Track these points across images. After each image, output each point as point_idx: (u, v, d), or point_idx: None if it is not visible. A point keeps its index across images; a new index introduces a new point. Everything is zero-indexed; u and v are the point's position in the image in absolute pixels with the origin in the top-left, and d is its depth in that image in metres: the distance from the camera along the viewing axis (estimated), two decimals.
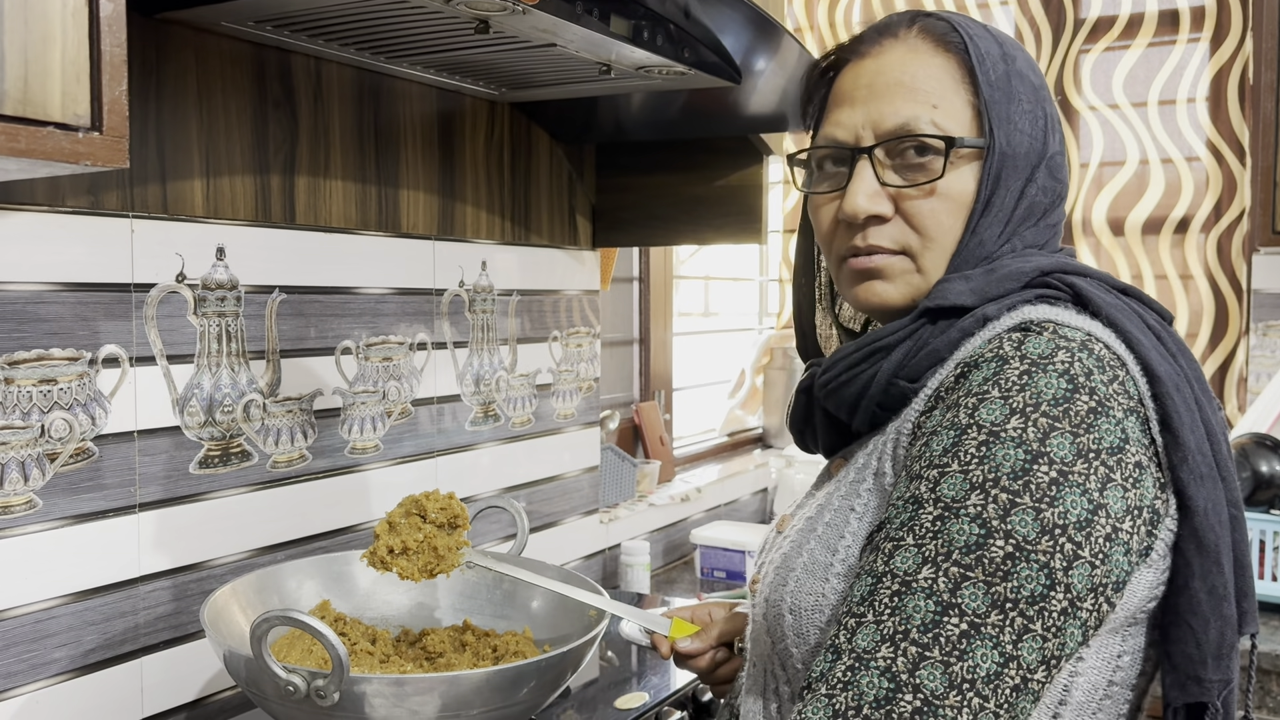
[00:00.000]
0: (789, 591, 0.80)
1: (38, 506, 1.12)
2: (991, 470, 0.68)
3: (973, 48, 0.82)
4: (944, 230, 0.81)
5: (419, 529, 1.11)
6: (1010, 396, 0.70)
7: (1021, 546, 0.67)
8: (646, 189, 1.92)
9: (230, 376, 1.31)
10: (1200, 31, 2.45)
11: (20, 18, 0.75)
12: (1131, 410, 0.71)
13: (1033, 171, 0.82)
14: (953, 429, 0.71)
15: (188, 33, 1.25)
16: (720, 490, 2.48)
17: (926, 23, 0.84)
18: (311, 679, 0.95)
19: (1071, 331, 0.74)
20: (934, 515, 0.69)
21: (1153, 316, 0.79)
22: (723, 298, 3.12)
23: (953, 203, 0.81)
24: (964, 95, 0.81)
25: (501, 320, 1.77)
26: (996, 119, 0.80)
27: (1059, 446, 0.68)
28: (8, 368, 1.09)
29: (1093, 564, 0.68)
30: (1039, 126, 0.82)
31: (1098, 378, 0.71)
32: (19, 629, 1.11)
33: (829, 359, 0.85)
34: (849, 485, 0.82)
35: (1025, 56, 0.85)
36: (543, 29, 1.19)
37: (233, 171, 1.31)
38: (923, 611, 0.67)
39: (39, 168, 0.83)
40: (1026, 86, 0.83)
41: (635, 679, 1.51)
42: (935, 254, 0.81)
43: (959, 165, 0.80)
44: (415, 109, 1.57)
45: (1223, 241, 2.45)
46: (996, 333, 0.76)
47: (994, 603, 0.66)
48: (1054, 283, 0.79)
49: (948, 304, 0.78)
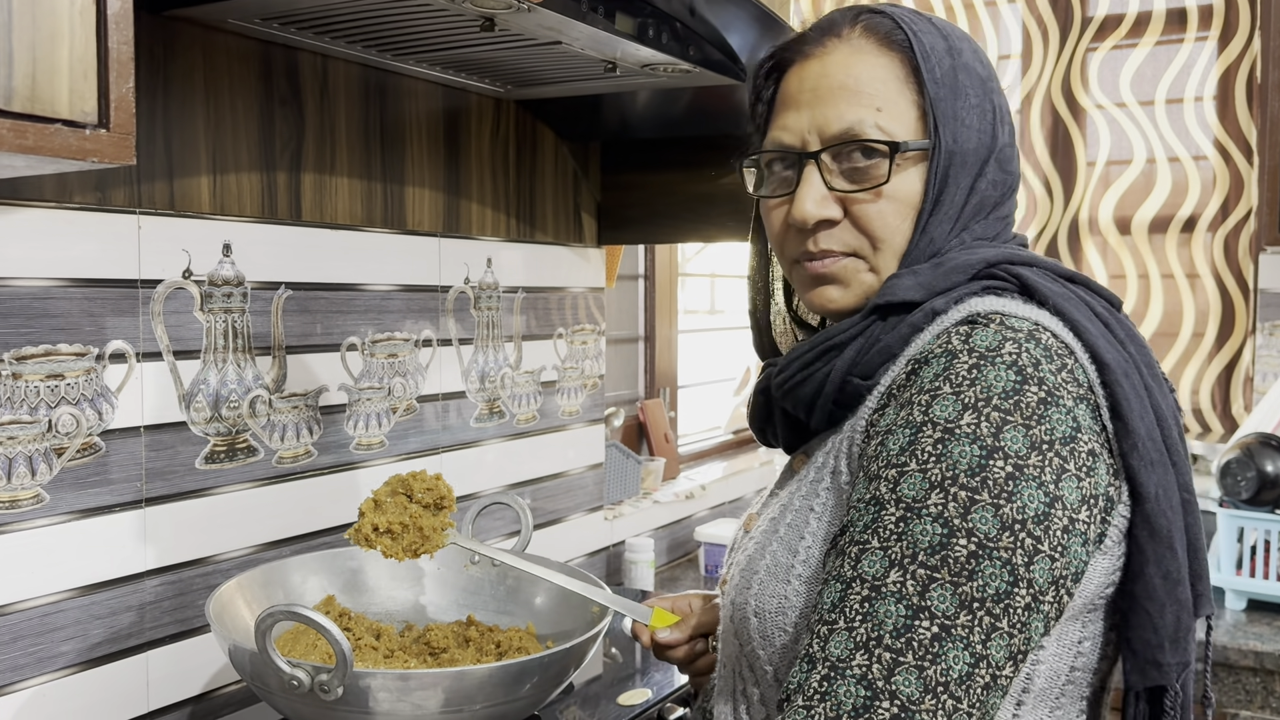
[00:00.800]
0: (753, 594, 0.81)
1: (45, 501, 1.13)
2: (949, 468, 0.69)
3: (917, 45, 0.81)
4: (893, 231, 0.81)
5: (405, 508, 1.11)
6: (961, 391, 0.70)
7: (984, 544, 0.67)
8: (651, 186, 1.93)
9: (236, 372, 1.32)
10: (1208, 30, 2.45)
11: (29, 15, 0.75)
12: (1081, 398, 0.72)
13: (982, 166, 0.82)
14: (908, 427, 0.71)
15: (195, 30, 1.25)
16: (724, 488, 2.48)
17: (870, 20, 0.83)
18: (316, 673, 0.95)
19: (1018, 322, 0.74)
20: (896, 516, 0.69)
21: (1100, 303, 0.79)
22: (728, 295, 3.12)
23: (900, 204, 0.81)
24: (909, 95, 0.81)
25: (506, 317, 1.77)
26: (942, 118, 0.80)
27: (1012, 440, 0.68)
28: (15, 363, 1.09)
29: (1052, 557, 0.69)
30: (987, 120, 0.82)
31: (1046, 367, 0.71)
32: (26, 622, 1.12)
33: (784, 359, 0.85)
34: (809, 485, 0.82)
35: (972, 48, 0.84)
36: (549, 27, 1.20)
37: (239, 168, 1.32)
38: (894, 616, 0.67)
39: (46, 164, 0.84)
40: (974, 80, 0.82)
41: (638, 675, 1.51)
42: (886, 255, 0.82)
43: (906, 167, 0.81)
44: (421, 106, 1.57)
45: (1229, 241, 2.44)
46: (945, 327, 0.76)
47: (962, 603, 0.67)
48: (1000, 274, 0.79)
49: (897, 300, 0.79)
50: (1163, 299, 2.51)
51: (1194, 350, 2.49)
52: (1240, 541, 1.96)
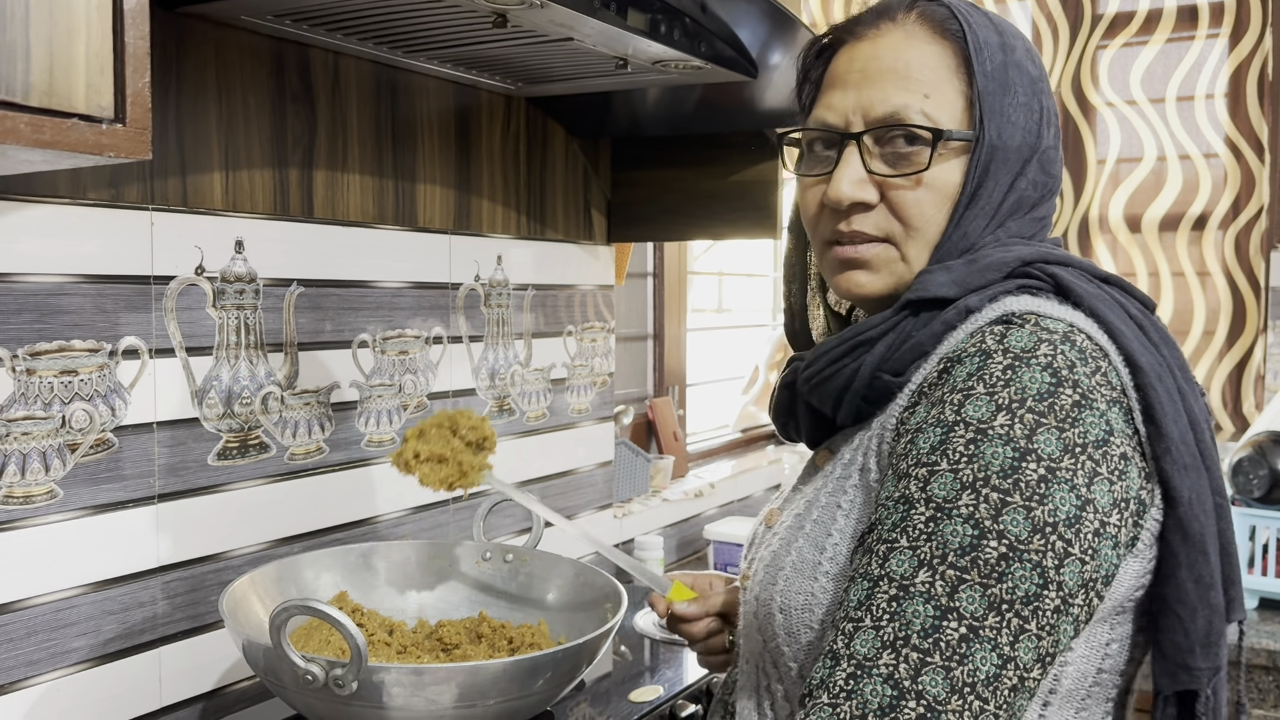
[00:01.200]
0: (779, 590, 0.80)
1: (58, 496, 1.13)
2: (981, 469, 0.68)
3: (971, 36, 0.80)
4: (928, 220, 0.81)
5: (448, 442, 1.13)
6: (995, 392, 0.70)
7: (1014, 547, 0.67)
8: (661, 184, 1.92)
9: (249, 369, 1.32)
10: (1219, 27, 2.44)
11: (46, 10, 0.75)
12: (1115, 401, 0.71)
13: (1024, 165, 0.81)
14: (939, 426, 0.71)
15: (208, 26, 1.25)
16: (733, 486, 2.48)
17: (926, 8, 0.83)
18: (330, 668, 0.95)
19: (1053, 323, 0.73)
20: (926, 516, 0.69)
21: (1135, 305, 0.79)
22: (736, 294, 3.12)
23: (938, 194, 0.80)
24: (957, 85, 0.80)
25: (517, 315, 1.77)
26: (989, 111, 0.79)
27: (1046, 443, 0.68)
28: (30, 359, 1.10)
29: (1083, 560, 0.68)
30: (1034, 120, 0.81)
31: (1080, 370, 0.71)
32: (40, 618, 1.12)
33: (811, 353, 0.85)
34: (835, 481, 0.82)
35: (1025, 46, 0.83)
36: (560, 23, 1.20)
37: (251, 165, 1.32)
38: (922, 616, 0.67)
39: (63, 159, 0.84)
40: (1024, 78, 0.81)
41: (649, 673, 1.51)
42: (918, 243, 0.81)
43: (947, 157, 0.80)
44: (432, 103, 1.57)
45: (1240, 238, 2.43)
46: (979, 325, 0.75)
47: (991, 605, 0.66)
48: (1035, 273, 0.78)
49: (930, 295, 0.78)
50: (1173, 297, 2.51)
51: (1205, 348, 2.48)
52: (1252, 540, 1.95)
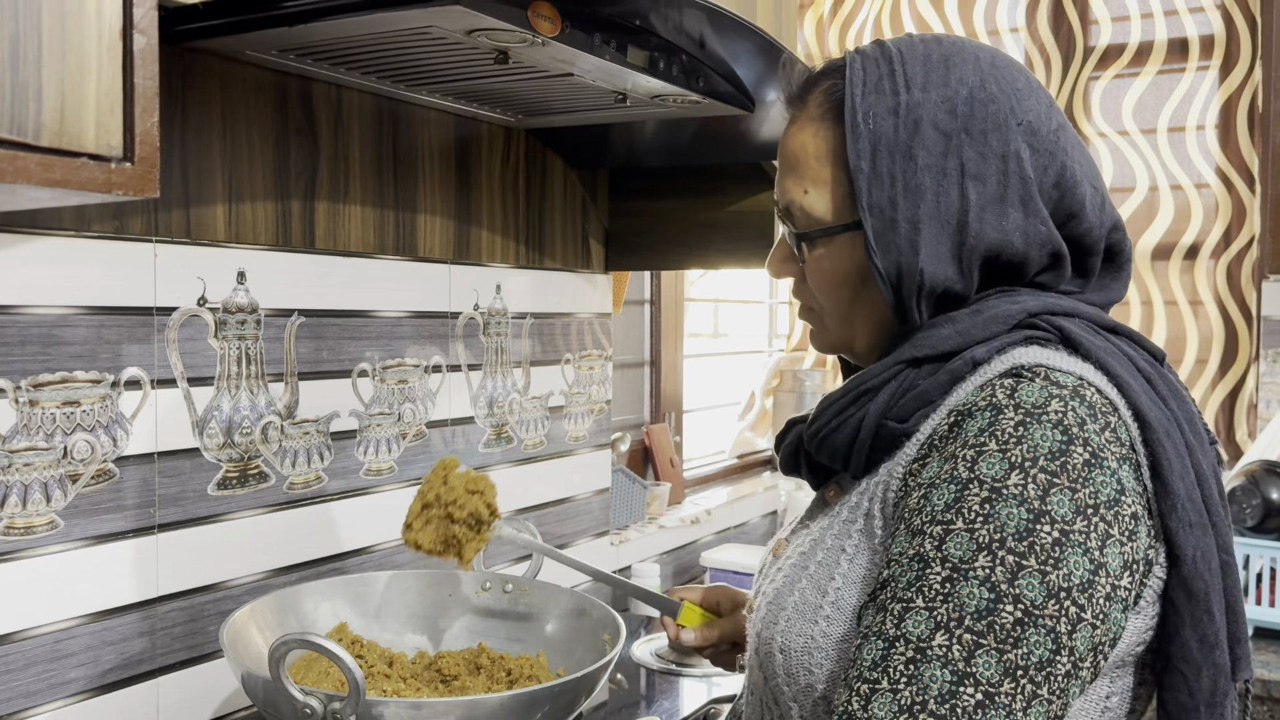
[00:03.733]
0: (779, 631, 0.80)
1: (59, 527, 1.13)
2: (997, 530, 0.68)
3: (848, 113, 0.78)
4: (831, 300, 0.85)
5: (446, 528, 1.20)
6: (1008, 450, 0.69)
7: (1030, 612, 0.67)
8: (659, 214, 1.94)
9: (249, 399, 1.33)
10: (1209, 60, 2.47)
11: (58, 51, 0.77)
12: (1124, 459, 0.71)
13: (961, 232, 0.77)
14: (953, 483, 0.70)
15: (213, 61, 1.27)
16: (730, 513, 2.49)
17: (830, 85, 0.82)
18: (328, 701, 0.96)
19: (1063, 376, 0.73)
20: (943, 576, 0.69)
21: (1143, 357, 0.78)
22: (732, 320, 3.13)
23: (829, 279, 0.84)
24: (842, 171, 0.80)
25: (515, 343, 1.78)
26: (869, 192, 0.78)
27: (1059, 504, 0.68)
28: (32, 390, 1.10)
29: (1094, 625, 0.68)
30: (951, 180, 0.77)
31: (1090, 427, 0.70)
32: (38, 648, 1.12)
33: (817, 408, 0.85)
34: (841, 524, 0.81)
35: (944, 96, 0.78)
36: (561, 59, 1.21)
37: (254, 197, 1.33)
38: (939, 681, 0.66)
39: (71, 197, 0.85)
40: (931, 139, 0.77)
41: (645, 703, 1.51)
42: (831, 318, 0.86)
43: (841, 244, 0.82)
44: (433, 135, 1.59)
45: (1232, 268, 2.46)
46: (988, 378, 0.75)
47: (1006, 671, 0.66)
48: (1042, 324, 0.78)
49: (935, 353, 0.78)
50: (1166, 326, 2.53)
51: (1197, 377, 2.50)
52: (1246, 569, 1.96)
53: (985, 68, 0.80)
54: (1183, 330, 2.49)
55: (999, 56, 0.82)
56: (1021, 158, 0.78)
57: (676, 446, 2.46)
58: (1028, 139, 0.78)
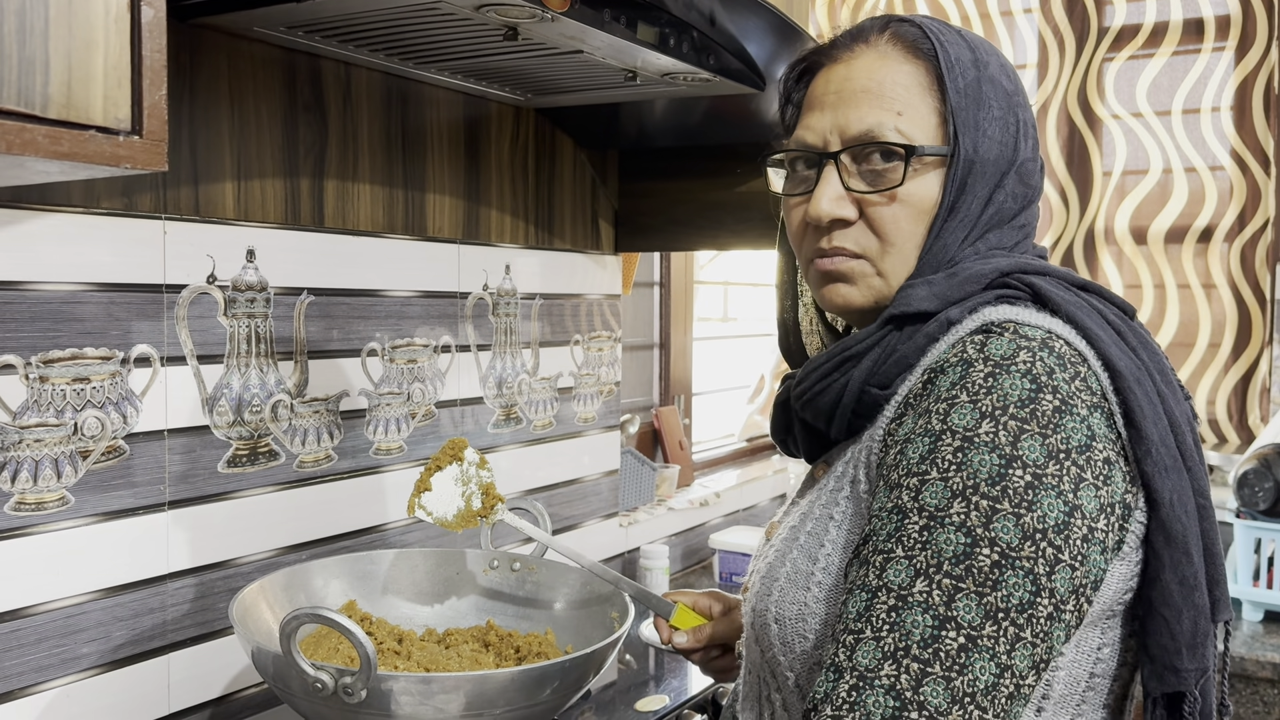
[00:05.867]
0: (773, 601, 0.82)
1: (70, 503, 1.14)
2: (970, 476, 0.69)
3: (943, 54, 0.82)
4: (904, 235, 0.83)
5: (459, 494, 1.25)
6: (979, 400, 0.71)
7: (1006, 554, 0.68)
8: (668, 194, 1.93)
9: (259, 377, 1.33)
10: (1225, 41, 2.44)
11: (65, 24, 0.76)
12: (1095, 406, 0.73)
13: (1001, 178, 0.83)
14: (927, 435, 0.72)
15: (220, 38, 1.26)
16: (739, 495, 2.49)
17: (899, 28, 0.85)
18: (339, 676, 0.96)
19: (1032, 330, 0.75)
20: (920, 525, 0.70)
21: (1113, 311, 0.80)
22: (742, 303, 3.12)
23: (914, 209, 0.82)
24: (931, 102, 0.82)
25: (524, 324, 1.78)
26: (963, 126, 0.81)
27: (1030, 449, 0.69)
28: (43, 366, 1.11)
29: (1073, 566, 0.69)
30: (1010, 133, 0.83)
31: (1059, 375, 0.72)
32: (50, 624, 1.13)
33: (802, 370, 0.87)
34: (829, 494, 0.83)
35: (1000, 61, 0.85)
36: (570, 36, 1.21)
37: (263, 174, 1.33)
38: (921, 626, 0.68)
39: (80, 170, 0.85)
40: (998, 93, 0.83)
41: (653, 682, 1.52)
42: (895, 259, 0.83)
43: (922, 172, 0.82)
44: (442, 114, 1.58)
45: (1246, 251, 2.44)
46: (959, 336, 0.77)
47: (987, 614, 0.67)
48: (1013, 283, 0.80)
49: (912, 310, 0.80)
50: (1179, 309, 2.51)
51: (1210, 361, 2.48)
52: (1257, 553, 1.95)
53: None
54: (1196, 314, 2.48)
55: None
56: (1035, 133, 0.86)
57: (685, 429, 2.45)
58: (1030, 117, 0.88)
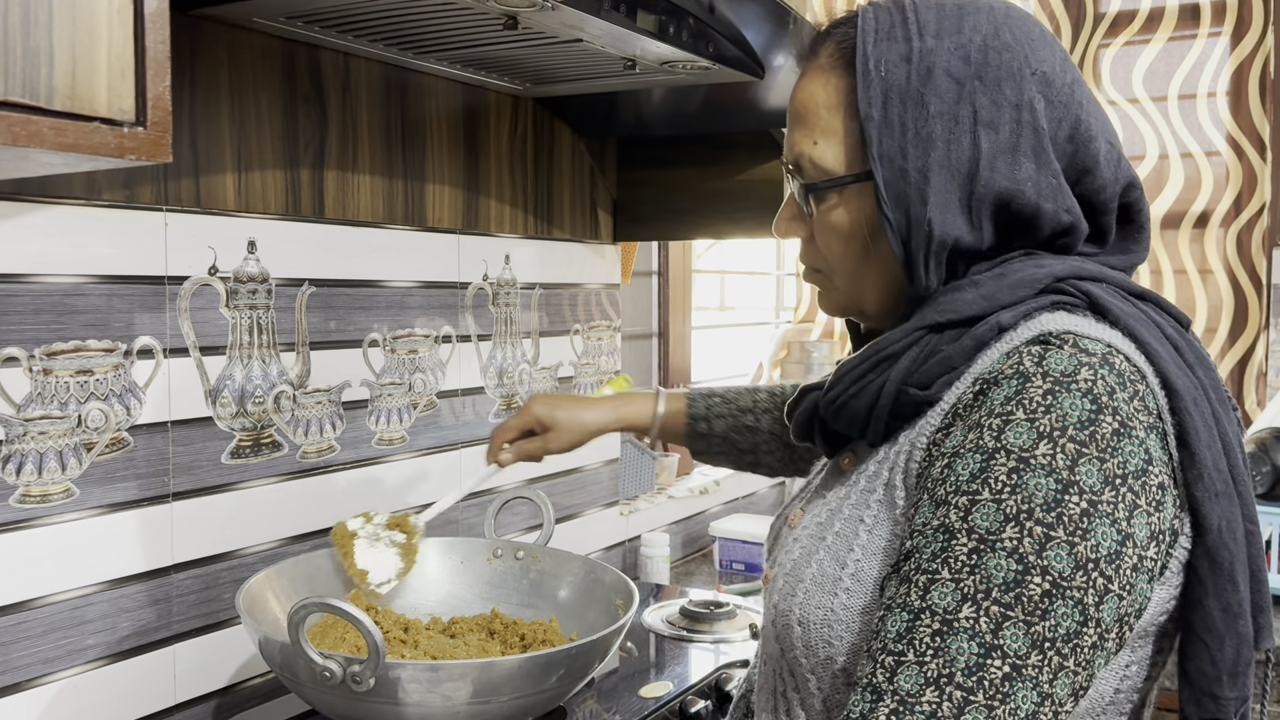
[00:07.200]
0: (798, 603, 0.79)
1: (74, 495, 1.14)
2: (1025, 501, 0.66)
3: (859, 61, 0.77)
4: (838, 257, 0.82)
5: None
6: (1036, 419, 0.68)
7: (1058, 584, 0.66)
8: (667, 183, 1.93)
9: (261, 368, 1.33)
10: (1221, 26, 2.45)
11: (69, 15, 0.76)
12: (1152, 428, 0.70)
13: (971, 182, 0.75)
14: (979, 452, 0.69)
15: (220, 28, 1.26)
16: (738, 483, 2.49)
17: (841, 35, 0.80)
18: (347, 664, 0.96)
19: (1092, 344, 0.72)
20: (969, 548, 0.67)
21: (1170, 324, 0.77)
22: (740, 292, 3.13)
23: (838, 234, 0.81)
24: (849, 122, 0.78)
25: (524, 313, 1.78)
26: (879, 142, 0.76)
27: (1087, 474, 0.67)
28: (46, 358, 1.11)
29: (1120, 596, 0.68)
30: (963, 128, 0.75)
31: (1120, 395, 0.69)
32: (56, 615, 1.13)
33: (834, 374, 0.83)
34: (859, 494, 0.80)
35: (962, 40, 0.76)
36: (570, 24, 1.20)
37: (263, 166, 1.33)
38: (966, 654, 0.65)
39: (84, 162, 0.85)
40: (943, 86, 0.75)
41: (655, 669, 1.52)
42: (841, 277, 0.83)
43: (850, 197, 0.79)
44: (441, 104, 1.58)
45: (1243, 236, 2.44)
46: (1015, 345, 0.73)
47: (1034, 643, 0.65)
48: (1069, 289, 0.76)
49: (959, 317, 0.75)
50: (1175, 294, 2.52)
51: (1207, 346, 2.49)
52: None
53: (999, 17, 0.78)
54: (1192, 299, 2.49)
55: (1012, 8, 0.79)
56: (1035, 108, 0.76)
57: None
58: (1042, 89, 0.76)
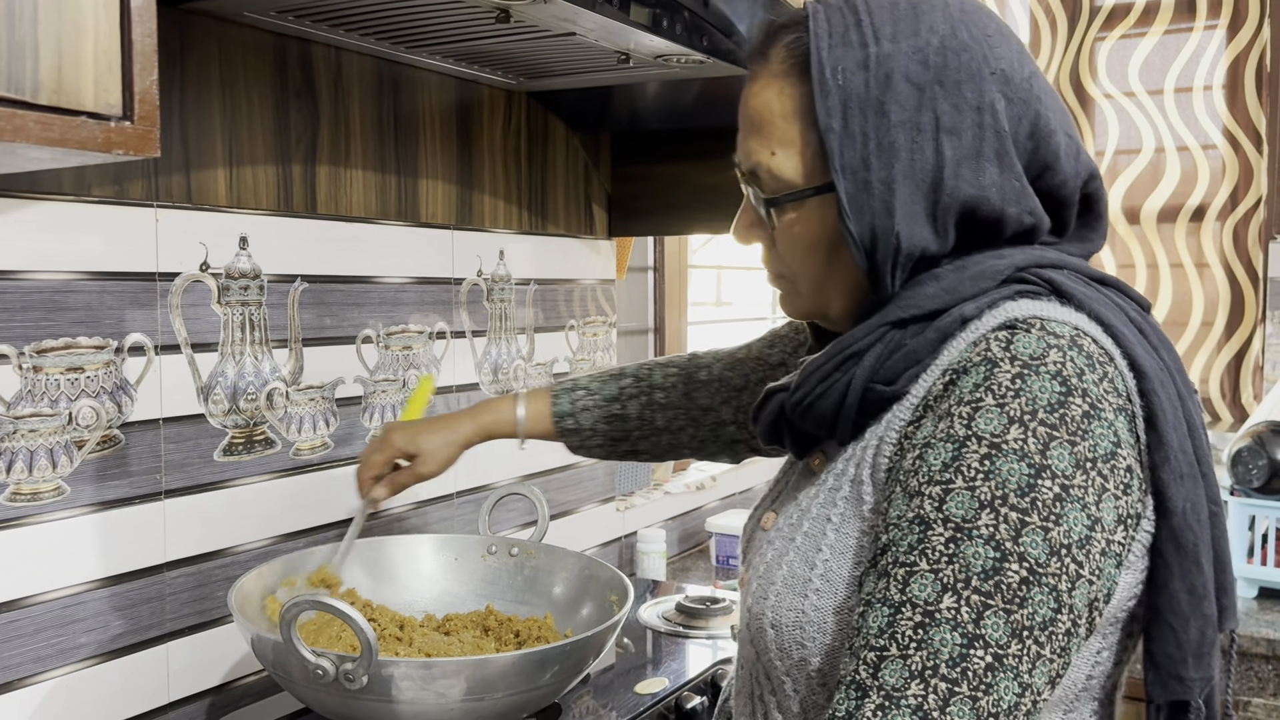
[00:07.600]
0: (769, 606, 0.79)
1: (66, 493, 1.13)
2: (999, 486, 0.66)
3: (815, 68, 0.74)
4: (801, 265, 0.81)
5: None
6: (1006, 404, 0.68)
7: (1034, 570, 0.65)
8: (662, 178, 1.93)
9: (254, 365, 1.32)
10: (1217, 19, 2.44)
11: (54, 9, 0.75)
12: (1121, 409, 0.70)
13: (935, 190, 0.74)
14: (950, 441, 0.68)
15: (210, 23, 1.25)
16: (734, 478, 2.49)
17: (793, 39, 0.77)
18: (340, 662, 0.96)
19: (1059, 327, 0.71)
20: (946, 537, 0.67)
21: (1134, 308, 0.77)
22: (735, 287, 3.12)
23: (800, 244, 0.79)
24: (807, 132, 0.76)
25: (519, 309, 1.78)
26: (840, 152, 0.74)
27: (1059, 459, 0.66)
28: (36, 356, 1.10)
29: (1090, 581, 0.67)
30: (926, 136, 0.73)
31: (1089, 377, 0.69)
32: (48, 614, 1.12)
33: (799, 375, 0.81)
34: (827, 492, 0.79)
35: (920, 44, 0.74)
36: (563, 18, 1.20)
37: (255, 161, 1.32)
38: (950, 645, 0.65)
39: (71, 157, 0.84)
40: (903, 91, 0.73)
41: (651, 665, 1.52)
42: (804, 283, 0.82)
43: (812, 206, 0.77)
44: (434, 99, 1.58)
45: (1239, 229, 2.44)
46: (981, 333, 0.73)
47: (1013, 632, 0.65)
48: (1030, 278, 0.75)
49: (922, 312, 0.75)
50: (1172, 288, 2.51)
51: (1203, 339, 2.49)
52: (1251, 530, 1.96)
53: (955, 14, 0.76)
54: (1189, 292, 2.48)
55: (967, 2, 0.77)
56: (996, 109, 0.74)
57: None
58: (1002, 88, 0.75)
